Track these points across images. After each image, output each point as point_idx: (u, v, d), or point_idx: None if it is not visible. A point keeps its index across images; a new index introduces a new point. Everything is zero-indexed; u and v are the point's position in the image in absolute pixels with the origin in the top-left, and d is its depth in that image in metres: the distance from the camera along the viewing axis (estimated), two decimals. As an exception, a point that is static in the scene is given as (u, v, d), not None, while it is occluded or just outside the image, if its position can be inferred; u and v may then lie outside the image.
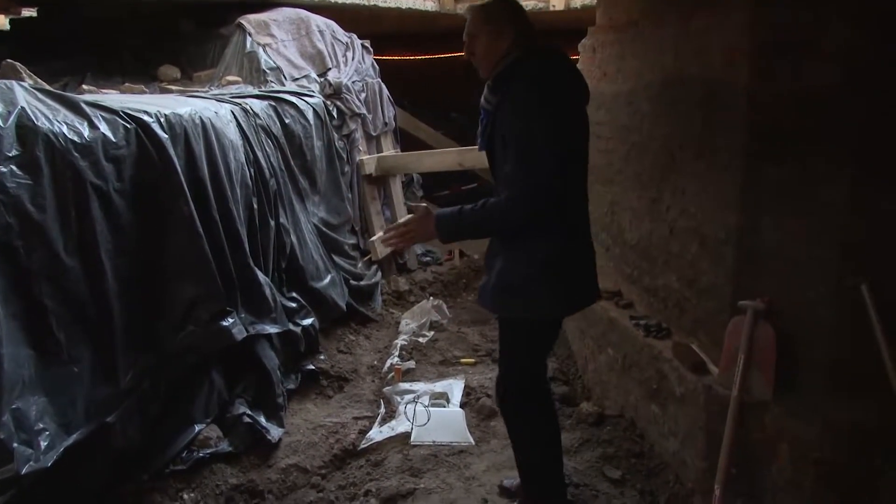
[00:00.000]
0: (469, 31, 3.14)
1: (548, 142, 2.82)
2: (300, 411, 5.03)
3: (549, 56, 3.04)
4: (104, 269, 3.67)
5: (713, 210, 3.48)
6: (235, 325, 4.36)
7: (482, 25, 3.07)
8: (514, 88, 2.89)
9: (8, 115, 3.28)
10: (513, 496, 3.74)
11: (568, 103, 2.98)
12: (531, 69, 2.92)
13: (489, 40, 3.07)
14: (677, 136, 3.83)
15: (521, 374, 3.36)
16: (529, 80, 2.88)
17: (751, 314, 3.17)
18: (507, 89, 2.93)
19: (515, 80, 2.91)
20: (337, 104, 7.33)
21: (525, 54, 3.00)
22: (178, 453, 4.05)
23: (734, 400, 3.18)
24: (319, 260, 6.18)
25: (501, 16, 3.05)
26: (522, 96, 2.85)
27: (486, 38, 3.08)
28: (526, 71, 2.91)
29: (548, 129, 2.81)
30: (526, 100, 2.84)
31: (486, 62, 3.12)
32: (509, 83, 2.93)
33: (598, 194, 5.09)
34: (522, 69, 2.93)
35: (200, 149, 4.40)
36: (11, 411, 3.05)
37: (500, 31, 3.03)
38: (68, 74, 7.22)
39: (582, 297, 3.32)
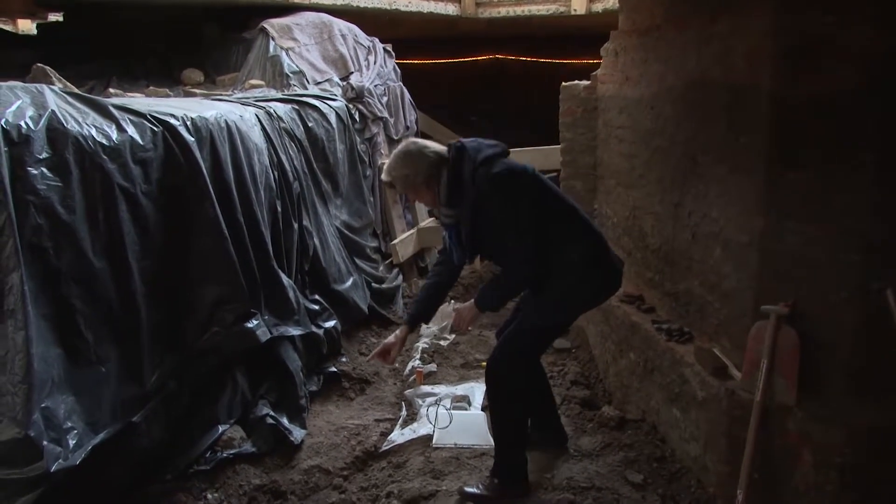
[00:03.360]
0: (404, 191, 3.80)
1: (526, 223, 3.41)
2: (322, 413, 5.06)
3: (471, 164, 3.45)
4: (131, 270, 3.72)
5: (736, 214, 3.47)
6: (259, 327, 4.41)
7: (406, 188, 3.67)
8: (477, 198, 3.41)
9: (39, 118, 3.33)
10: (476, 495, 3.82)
11: (525, 182, 3.48)
12: (481, 181, 3.39)
13: (419, 190, 3.65)
14: (700, 140, 3.83)
15: (521, 356, 3.74)
16: (494, 182, 3.38)
17: (774, 319, 3.17)
18: (466, 200, 3.45)
19: (472, 192, 3.41)
20: (359, 108, 7.38)
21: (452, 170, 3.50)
22: (202, 453, 4.09)
23: (757, 405, 3.18)
24: (342, 262, 6.22)
25: (406, 171, 3.59)
26: (498, 202, 3.40)
27: (409, 190, 3.69)
28: (484, 176, 3.38)
29: (523, 215, 3.41)
30: (497, 204, 3.40)
31: (427, 200, 3.74)
32: (465, 196, 3.45)
33: (619, 198, 5.10)
34: (479, 174, 3.39)
35: (226, 152, 4.45)
36: (41, 410, 3.10)
37: (417, 181, 3.59)
38: (94, 78, 7.30)
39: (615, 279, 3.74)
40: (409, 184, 3.63)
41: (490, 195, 3.38)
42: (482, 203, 3.42)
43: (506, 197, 3.39)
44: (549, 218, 3.51)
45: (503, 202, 3.39)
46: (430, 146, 3.63)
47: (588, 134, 5.73)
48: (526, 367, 3.82)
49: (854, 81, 2.92)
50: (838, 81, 2.95)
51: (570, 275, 3.55)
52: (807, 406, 3.15)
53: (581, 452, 4.25)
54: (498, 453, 3.87)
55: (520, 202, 3.41)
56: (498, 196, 3.38)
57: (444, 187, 3.53)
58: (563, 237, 3.53)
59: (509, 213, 3.40)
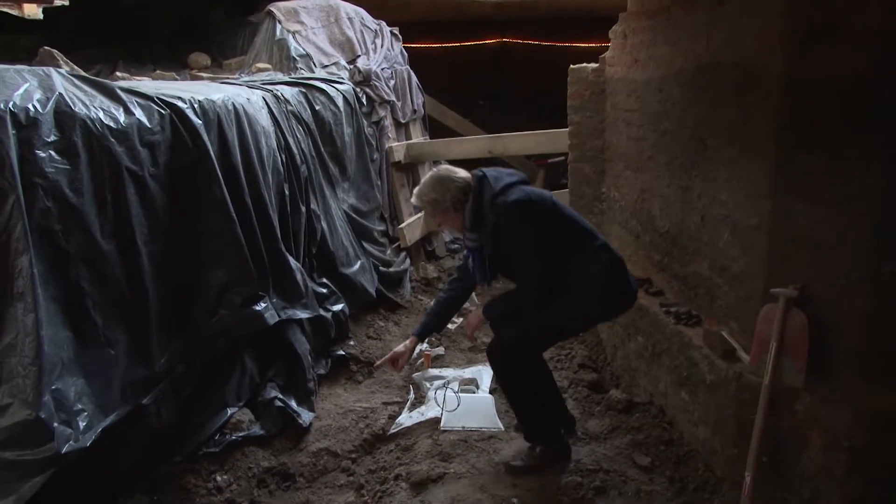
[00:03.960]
0: (425, 214, 3.91)
1: (535, 251, 3.60)
2: (330, 396, 5.07)
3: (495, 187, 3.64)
4: (139, 253, 3.73)
5: (745, 197, 3.46)
6: (268, 310, 4.41)
7: (435, 211, 3.82)
8: (496, 224, 3.60)
9: (46, 101, 3.33)
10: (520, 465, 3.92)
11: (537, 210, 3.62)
12: (499, 209, 3.57)
13: (441, 214, 3.82)
14: (709, 122, 3.81)
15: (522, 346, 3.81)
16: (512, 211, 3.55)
17: (783, 301, 3.16)
18: (486, 225, 3.64)
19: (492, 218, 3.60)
20: (366, 91, 7.36)
21: (475, 197, 3.68)
22: (210, 436, 4.12)
23: (766, 388, 3.17)
24: (349, 246, 6.22)
25: (435, 195, 3.74)
26: (512, 228, 3.58)
27: (439, 214, 3.82)
28: (503, 205, 3.56)
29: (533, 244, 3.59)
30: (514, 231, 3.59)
31: (451, 226, 3.93)
32: (485, 222, 3.64)
33: (628, 182, 5.09)
34: (498, 203, 3.58)
35: (233, 135, 4.45)
36: (51, 392, 3.11)
37: (444, 206, 3.75)
38: (101, 62, 7.31)
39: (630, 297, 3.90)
40: (437, 208, 3.78)
41: (506, 222, 3.58)
42: (500, 229, 3.61)
43: (519, 224, 3.58)
44: (568, 238, 3.69)
45: (516, 229, 3.58)
46: (458, 173, 3.79)
47: (596, 117, 5.70)
48: (525, 357, 3.86)
49: (867, 62, 2.89)
50: (851, 63, 2.92)
51: (590, 286, 3.68)
52: (815, 389, 3.14)
53: (589, 435, 4.26)
54: (524, 422, 4.06)
55: (531, 230, 3.58)
56: (512, 223, 3.57)
57: (468, 213, 3.72)
58: (582, 253, 3.69)
59: (522, 240, 3.59)
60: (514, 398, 4.01)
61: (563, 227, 3.70)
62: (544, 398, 4.03)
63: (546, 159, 12.02)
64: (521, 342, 3.79)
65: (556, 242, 3.64)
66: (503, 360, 3.88)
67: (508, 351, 3.82)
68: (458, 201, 3.73)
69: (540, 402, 3.98)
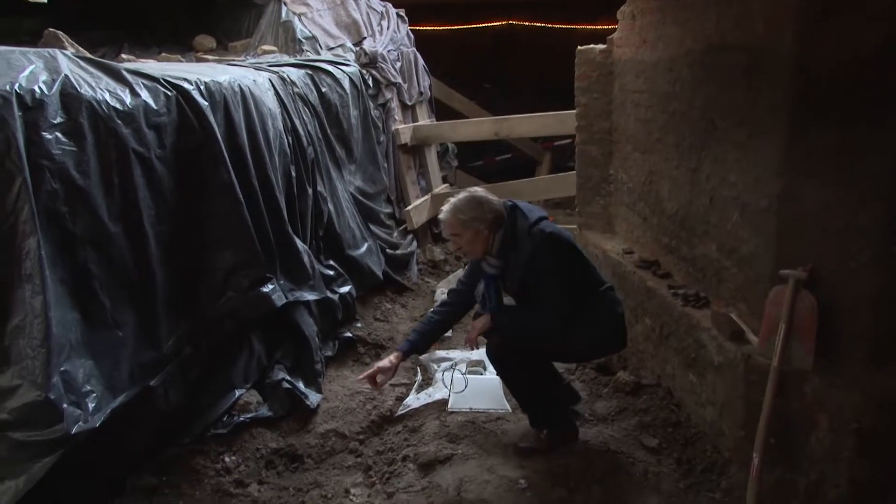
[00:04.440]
0: (452, 231, 3.84)
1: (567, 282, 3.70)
2: (338, 378, 5.08)
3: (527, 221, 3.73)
4: (146, 234, 3.72)
5: (755, 178, 3.43)
6: (275, 292, 4.41)
7: (463, 229, 3.76)
8: (533, 253, 3.64)
9: (52, 82, 3.32)
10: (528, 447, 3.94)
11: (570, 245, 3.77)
12: (536, 238, 3.66)
13: (472, 236, 3.77)
14: (718, 103, 3.78)
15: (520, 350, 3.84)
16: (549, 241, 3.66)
17: (792, 283, 3.14)
18: (519, 254, 3.69)
19: (528, 247, 3.66)
20: (372, 73, 7.33)
21: (509, 224, 3.75)
22: (218, 417, 4.13)
23: (774, 369, 3.16)
24: (356, 228, 6.22)
25: (475, 215, 3.72)
26: (546, 259, 3.64)
27: (470, 234, 3.77)
28: (540, 235, 3.66)
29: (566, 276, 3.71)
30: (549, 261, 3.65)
31: (475, 249, 3.84)
32: (518, 250, 3.69)
33: (636, 164, 5.06)
34: (534, 232, 3.67)
35: (240, 116, 4.43)
36: (60, 373, 3.12)
37: (481, 226, 3.74)
38: (105, 45, 7.30)
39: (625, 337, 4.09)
40: (470, 226, 3.75)
41: (543, 252, 3.64)
42: (536, 258, 3.65)
43: (556, 255, 3.67)
44: (584, 277, 3.84)
45: (554, 259, 3.66)
46: (493, 197, 3.83)
47: (604, 99, 5.67)
48: (524, 355, 3.86)
49: (879, 41, 2.86)
50: (862, 42, 2.90)
51: (606, 322, 3.88)
52: (824, 371, 3.14)
53: (596, 417, 4.27)
54: (528, 412, 4.06)
55: (565, 262, 3.71)
56: (550, 253, 3.65)
57: (499, 239, 3.77)
58: (594, 293, 3.87)
59: (557, 270, 3.66)
60: (518, 392, 4.07)
61: (583, 267, 3.85)
62: (547, 388, 4.07)
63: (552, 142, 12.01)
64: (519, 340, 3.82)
65: (583, 275, 3.82)
66: (504, 358, 3.91)
67: (510, 349, 3.84)
68: (492, 225, 3.76)
69: (543, 393, 4.01)
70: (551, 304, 3.67)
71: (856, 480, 3.05)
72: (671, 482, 3.62)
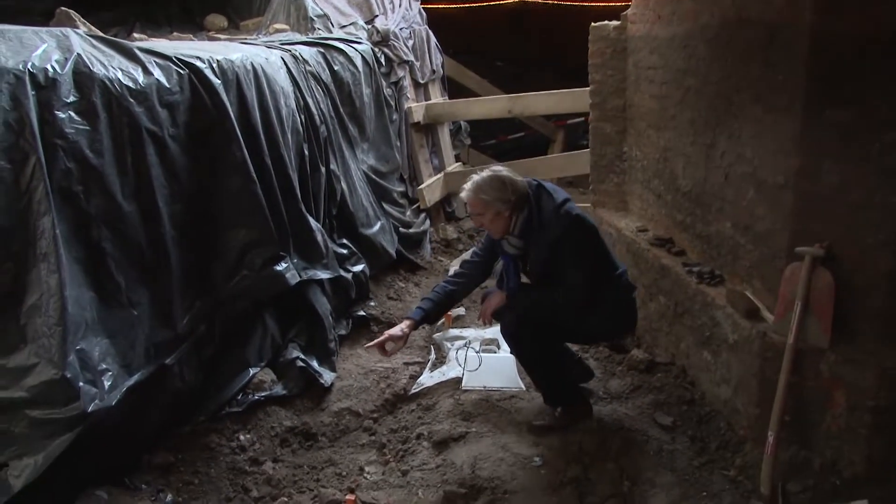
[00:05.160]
0: (474, 210, 3.85)
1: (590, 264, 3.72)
2: (351, 356, 5.10)
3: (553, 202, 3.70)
4: (160, 213, 3.73)
5: (771, 155, 3.40)
6: (288, 270, 4.42)
7: (485, 208, 3.73)
8: (561, 234, 3.62)
9: (65, 61, 3.31)
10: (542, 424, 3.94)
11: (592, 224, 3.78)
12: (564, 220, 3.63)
13: (494, 216, 3.74)
14: (734, 79, 3.74)
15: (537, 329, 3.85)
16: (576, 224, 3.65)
17: (808, 260, 3.12)
18: (544, 234, 3.66)
19: (556, 228, 3.63)
20: (385, 51, 7.29)
21: (535, 204, 3.71)
22: (233, 396, 4.15)
23: (790, 347, 3.15)
24: (369, 207, 6.22)
25: (498, 195, 3.68)
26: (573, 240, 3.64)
27: (491, 214, 3.74)
28: (566, 217, 3.64)
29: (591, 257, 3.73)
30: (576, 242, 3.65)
31: (496, 228, 3.82)
32: (543, 230, 3.66)
33: (649, 140, 5.03)
34: (562, 213, 3.64)
35: (252, 94, 4.42)
36: (76, 352, 3.14)
37: (504, 207, 3.70)
38: (117, 25, 7.29)
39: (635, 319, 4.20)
40: (491, 206, 3.72)
41: (571, 233, 3.63)
42: (561, 239, 3.63)
43: (583, 238, 3.68)
44: (603, 260, 3.85)
45: (580, 241, 3.67)
46: (517, 177, 3.79)
47: (618, 75, 5.62)
48: (538, 330, 3.87)
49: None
50: (884, 15, 2.85)
51: (628, 305, 3.97)
52: (840, 348, 3.12)
53: (610, 395, 4.27)
54: (542, 389, 4.09)
55: (591, 246, 3.74)
56: (577, 235, 3.65)
57: (522, 219, 3.74)
58: (609, 277, 3.85)
59: (583, 253, 3.68)
60: (532, 370, 4.08)
61: (602, 250, 3.86)
62: (561, 365, 4.07)
63: (565, 120, 11.93)
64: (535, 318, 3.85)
65: (603, 260, 3.83)
66: (519, 335, 3.92)
67: (524, 327, 3.86)
68: (516, 206, 3.73)
69: (557, 371, 4.02)
70: (572, 286, 3.67)
71: (872, 458, 3.05)
72: (685, 460, 3.62)
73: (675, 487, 3.42)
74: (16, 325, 3.10)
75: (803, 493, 3.19)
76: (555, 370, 3.99)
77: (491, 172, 3.79)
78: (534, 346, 3.90)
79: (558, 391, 4.01)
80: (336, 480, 3.83)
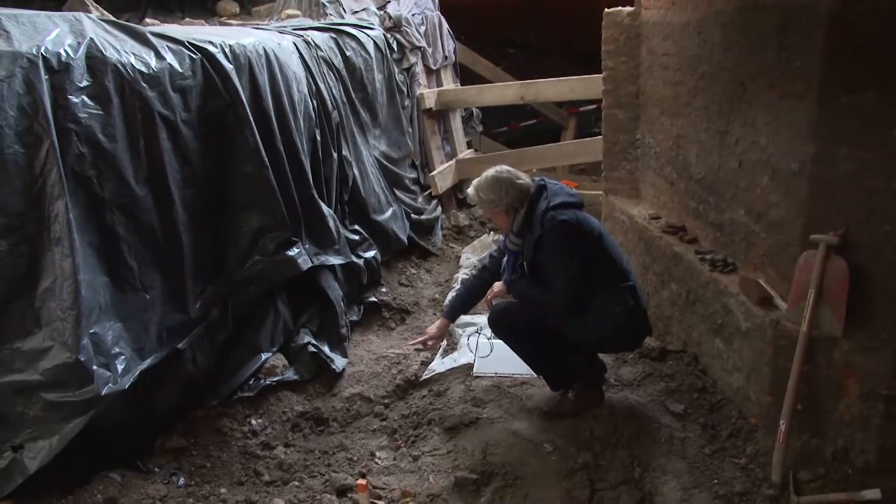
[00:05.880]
0: (482, 209, 4.10)
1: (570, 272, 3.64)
2: (363, 342, 5.11)
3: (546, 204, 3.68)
4: (173, 198, 3.74)
5: (786, 141, 3.37)
6: (301, 255, 4.43)
7: (482, 204, 3.90)
8: (541, 237, 3.65)
9: (78, 46, 3.32)
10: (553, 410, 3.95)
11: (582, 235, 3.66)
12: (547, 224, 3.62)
13: (496, 216, 3.91)
14: (749, 65, 3.71)
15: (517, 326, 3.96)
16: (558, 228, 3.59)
17: (823, 248, 3.10)
18: (532, 235, 3.70)
19: (538, 230, 3.65)
20: (397, 37, 7.27)
21: (528, 205, 3.74)
22: (245, 381, 4.17)
23: (803, 335, 3.13)
24: (381, 193, 6.21)
25: (491, 196, 3.78)
26: (552, 245, 3.64)
27: (488, 211, 3.94)
28: (552, 220, 3.60)
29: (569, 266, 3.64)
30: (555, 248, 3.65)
31: (498, 223, 4.07)
32: (532, 231, 3.70)
33: (663, 127, 5.00)
34: (548, 217, 3.62)
35: (265, 79, 4.42)
36: (90, 336, 3.16)
37: (499, 208, 3.81)
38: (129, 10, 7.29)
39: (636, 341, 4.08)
40: (491, 207, 3.84)
41: (549, 238, 3.63)
42: (542, 242, 3.66)
43: (561, 243, 3.63)
44: (603, 271, 3.72)
45: (558, 247, 3.64)
46: (521, 178, 3.82)
47: (631, 62, 5.59)
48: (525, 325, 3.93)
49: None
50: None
51: (607, 321, 3.71)
52: (854, 337, 3.10)
53: (622, 382, 4.26)
54: (541, 375, 4.08)
55: (571, 252, 3.64)
56: (555, 240, 3.63)
57: (519, 219, 3.78)
58: (610, 289, 3.72)
59: (563, 260, 3.65)
60: (525, 357, 4.07)
61: (602, 260, 3.73)
62: (550, 349, 3.99)
63: (578, 107, 11.88)
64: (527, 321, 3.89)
65: (592, 272, 3.68)
66: (501, 326, 4.02)
67: (506, 318, 3.96)
68: (511, 207, 3.79)
69: (548, 355, 3.99)
70: (555, 290, 3.68)
71: (885, 447, 3.03)
72: (696, 447, 3.61)
73: (685, 475, 3.41)
74: (30, 308, 3.14)
75: (815, 481, 3.17)
76: (545, 354, 3.99)
77: (492, 173, 3.85)
78: (519, 336, 3.97)
79: (555, 375, 4.02)
80: (347, 465, 3.85)
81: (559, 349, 3.99)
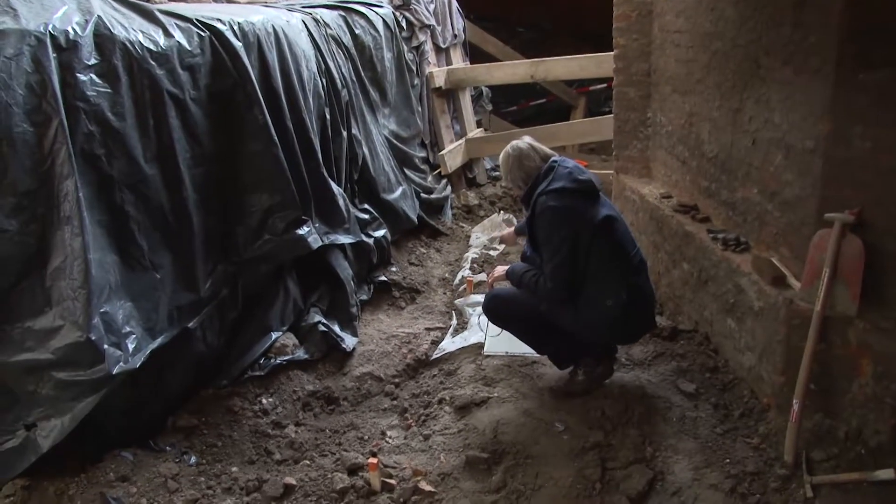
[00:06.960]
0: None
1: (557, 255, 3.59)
2: (373, 321, 5.11)
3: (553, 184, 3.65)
4: (182, 177, 3.73)
5: (800, 119, 3.33)
6: (310, 234, 4.42)
7: (509, 180, 3.95)
8: (536, 214, 3.66)
9: (85, 24, 3.30)
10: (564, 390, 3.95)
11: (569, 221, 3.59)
12: (537, 206, 3.64)
13: (517, 185, 3.90)
14: (763, 41, 3.66)
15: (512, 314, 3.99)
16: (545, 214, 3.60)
17: (838, 227, 3.06)
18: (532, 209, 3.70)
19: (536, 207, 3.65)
20: (406, 15, 7.22)
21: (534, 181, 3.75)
22: (256, 360, 4.18)
23: (817, 314, 3.10)
24: (391, 172, 6.19)
25: (505, 171, 3.90)
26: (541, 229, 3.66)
27: (513, 184, 3.94)
28: (542, 204, 3.61)
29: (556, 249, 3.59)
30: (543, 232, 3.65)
31: (518, 194, 4.03)
32: (533, 206, 3.69)
33: (675, 105, 4.96)
34: (540, 200, 3.63)
35: (274, 57, 4.39)
36: (101, 315, 3.16)
37: (509, 182, 3.93)
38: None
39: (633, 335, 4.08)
40: (510, 178, 3.89)
41: (539, 222, 3.66)
42: (534, 224, 3.71)
43: (547, 226, 3.63)
44: (599, 262, 3.62)
45: (546, 234, 3.64)
46: (534, 158, 3.81)
47: (643, 39, 5.54)
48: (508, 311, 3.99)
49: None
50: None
51: (597, 312, 3.64)
52: (868, 316, 3.07)
53: (633, 362, 4.25)
54: (541, 352, 4.11)
55: (560, 241, 3.59)
56: (544, 226, 3.63)
57: (524, 194, 3.84)
58: (605, 281, 3.63)
59: (550, 245, 3.63)
60: (524, 339, 4.07)
61: (595, 251, 3.60)
62: (545, 328, 3.92)
63: (588, 86, 11.81)
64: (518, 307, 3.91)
65: (586, 260, 3.59)
66: (493, 311, 4.03)
67: (502, 305, 3.99)
68: (516, 184, 3.88)
69: (544, 333, 3.97)
70: (546, 270, 3.65)
71: (899, 427, 3.01)
72: (708, 427, 3.60)
73: (697, 454, 3.40)
74: (41, 287, 3.14)
75: (827, 461, 3.16)
76: (541, 334, 3.96)
77: (509, 149, 3.88)
78: (511, 319, 4.00)
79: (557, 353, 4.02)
80: (358, 444, 3.85)
81: (556, 332, 3.94)
